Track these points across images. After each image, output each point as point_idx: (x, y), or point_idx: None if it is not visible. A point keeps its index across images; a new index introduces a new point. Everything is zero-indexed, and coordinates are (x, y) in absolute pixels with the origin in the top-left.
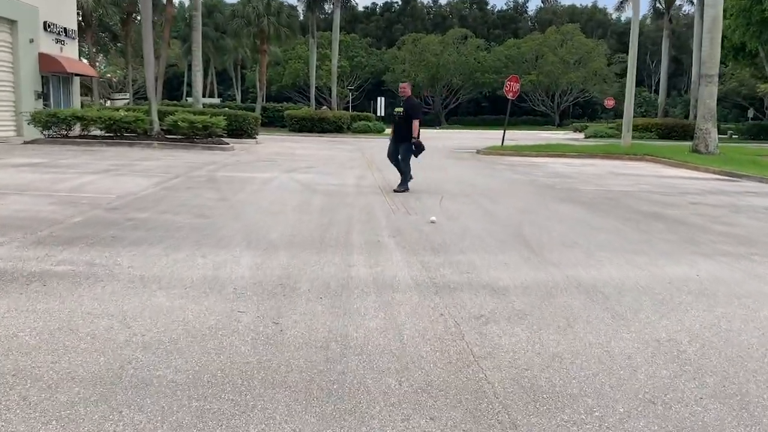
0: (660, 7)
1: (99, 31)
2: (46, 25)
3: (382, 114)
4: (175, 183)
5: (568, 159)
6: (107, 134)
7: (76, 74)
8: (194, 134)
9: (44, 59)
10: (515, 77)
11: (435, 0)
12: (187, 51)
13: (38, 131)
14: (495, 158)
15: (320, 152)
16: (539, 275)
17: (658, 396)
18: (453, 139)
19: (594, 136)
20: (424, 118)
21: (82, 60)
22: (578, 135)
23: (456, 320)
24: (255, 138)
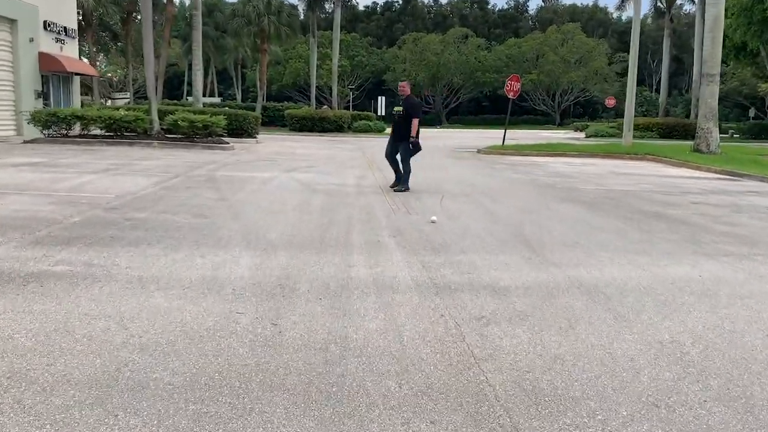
0: (661, 6)
1: (99, 31)
2: (46, 25)
3: (383, 113)
4: (175, 182)
5: (569, 158)
6: (107, 134)
7: (77, 73)
8: (194, 133)
9: (44, 58)
10: (516, 76)
11: None
12: (188, 50)
13: (38, 130)
14: (496, 158)
15: (321, 151)
16: (540, 275)
17: (662, 399)
18: (453, 139)
19: (595, 136)
20: (425, 118)
21: (83, 59)
22: (579, 134)
23: (457, 321)
24: (255, 137)
